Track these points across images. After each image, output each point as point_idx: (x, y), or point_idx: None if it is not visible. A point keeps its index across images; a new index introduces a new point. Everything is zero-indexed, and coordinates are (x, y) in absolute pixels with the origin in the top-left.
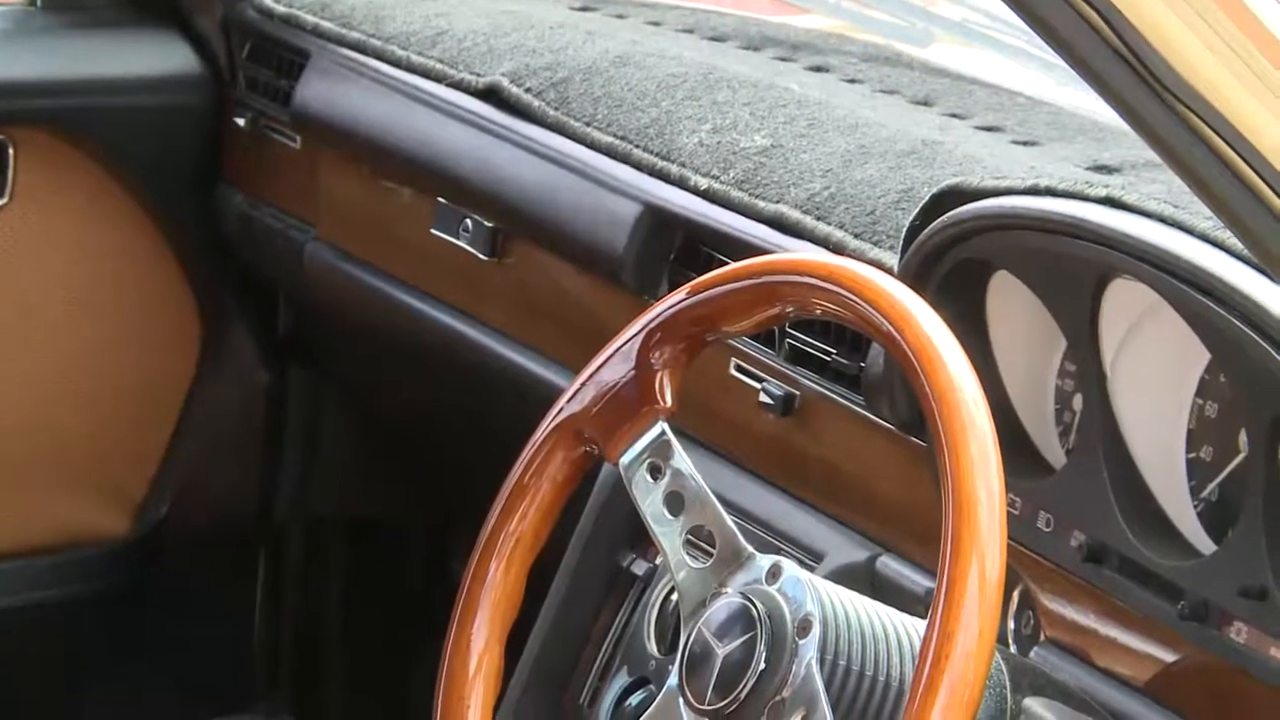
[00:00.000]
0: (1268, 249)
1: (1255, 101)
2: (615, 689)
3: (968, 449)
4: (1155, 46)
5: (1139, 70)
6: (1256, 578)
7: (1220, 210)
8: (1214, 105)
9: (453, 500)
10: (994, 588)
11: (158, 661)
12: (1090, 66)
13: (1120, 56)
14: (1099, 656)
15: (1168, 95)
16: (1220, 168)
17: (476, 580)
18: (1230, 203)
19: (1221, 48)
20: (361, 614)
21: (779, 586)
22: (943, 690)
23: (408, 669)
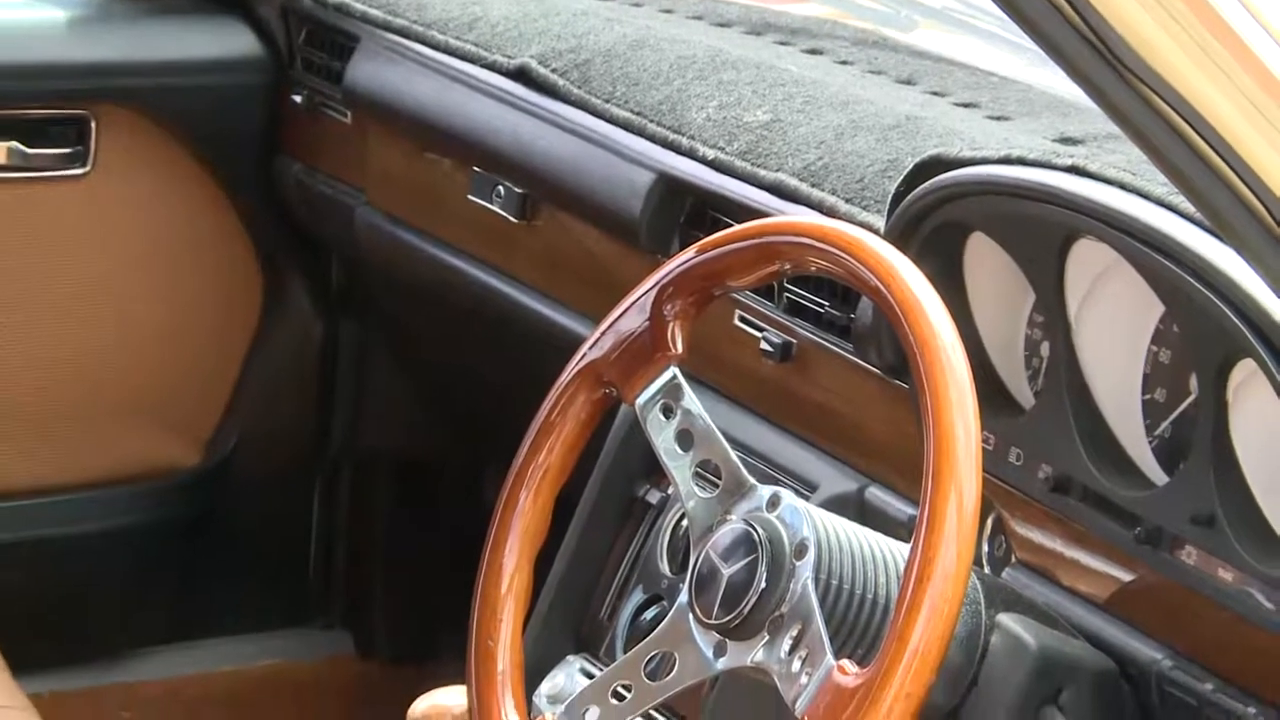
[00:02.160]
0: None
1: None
2: (632, 605)
3: (947, 391)
4: (1117, 29)
5: (1102, 51)
6: (1205, 506)
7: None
8: (1170, 82)
9: (486, 437)
10: (970, 515)
11: (223, 582)
12: (1058, 48)
13: (1085, 39)
14: (1064, 576)
15: (1128, 74)
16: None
17: (508, 508)
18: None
19: (1176, 30)
20: (405, 539)
21: (778, 514)
22: (925, 606)
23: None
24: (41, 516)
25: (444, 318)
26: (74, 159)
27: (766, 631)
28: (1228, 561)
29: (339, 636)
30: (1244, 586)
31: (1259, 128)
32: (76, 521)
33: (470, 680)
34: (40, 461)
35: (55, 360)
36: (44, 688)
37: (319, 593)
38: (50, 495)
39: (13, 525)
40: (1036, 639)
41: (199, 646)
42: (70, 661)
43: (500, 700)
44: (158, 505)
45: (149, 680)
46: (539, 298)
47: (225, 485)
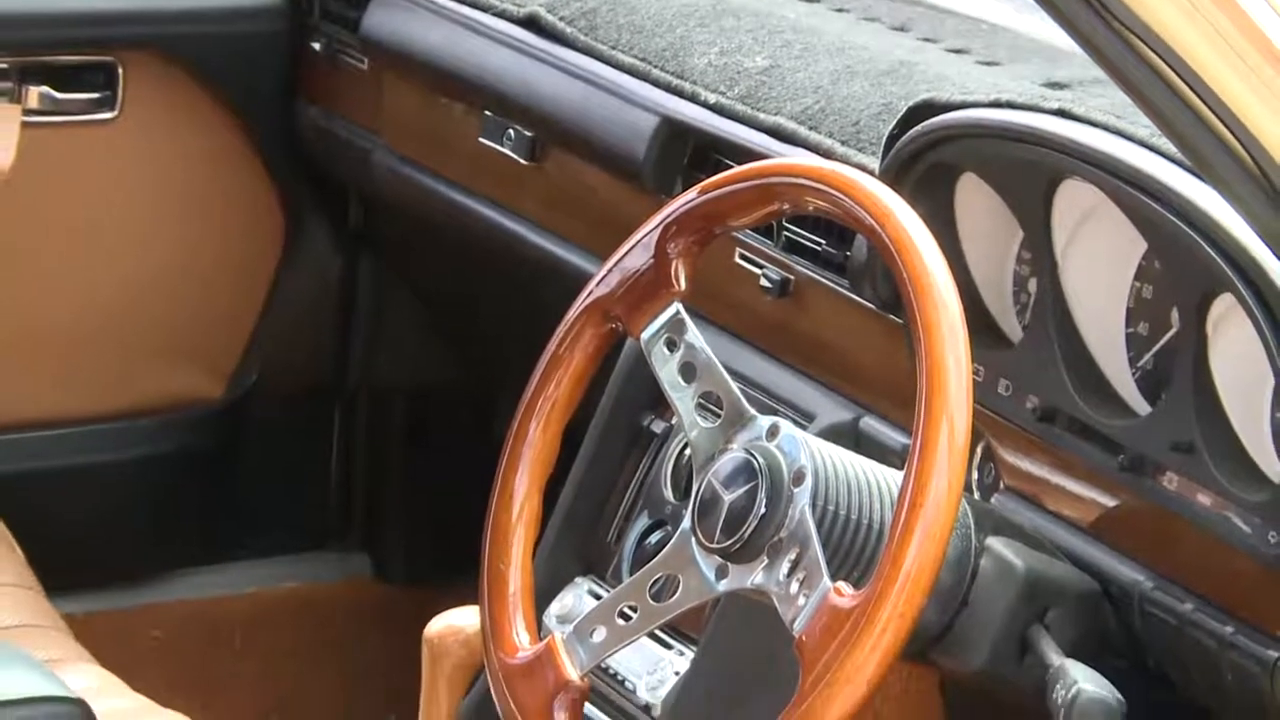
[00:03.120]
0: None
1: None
2: (637, 529)
3: (939, 325)
4: None
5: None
6: (1185, 434)
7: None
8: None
9: (498, 369)
10: (961, 444)
11: (246, 508)
12: None
13: None
14: (1050, 502)
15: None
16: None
17: (518, 439)
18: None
19: None
20: (421, 467)
21: (777, 443)
22: (917, 531)
23: (461, 514)
24: (73, 446)
25: (457, 255)
26: (102, 104)
27: (766, 555)
28: (1207, 487)
29: (358, 560)
30: (1222, 511)
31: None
32: (106, 451)
33: (482, 602)
34: (72, 394)
35: (85, 297)
36: (77, 608)
37: (338, 518)
38: (81, 426)
39: (46, 454)
40: (1024, 562)
41: (224, 569)
42: (101, 584)
43: (511, 620)
44: (183, 435)
45: (176, 601)
46: (548, 236)
47: (247, 416)
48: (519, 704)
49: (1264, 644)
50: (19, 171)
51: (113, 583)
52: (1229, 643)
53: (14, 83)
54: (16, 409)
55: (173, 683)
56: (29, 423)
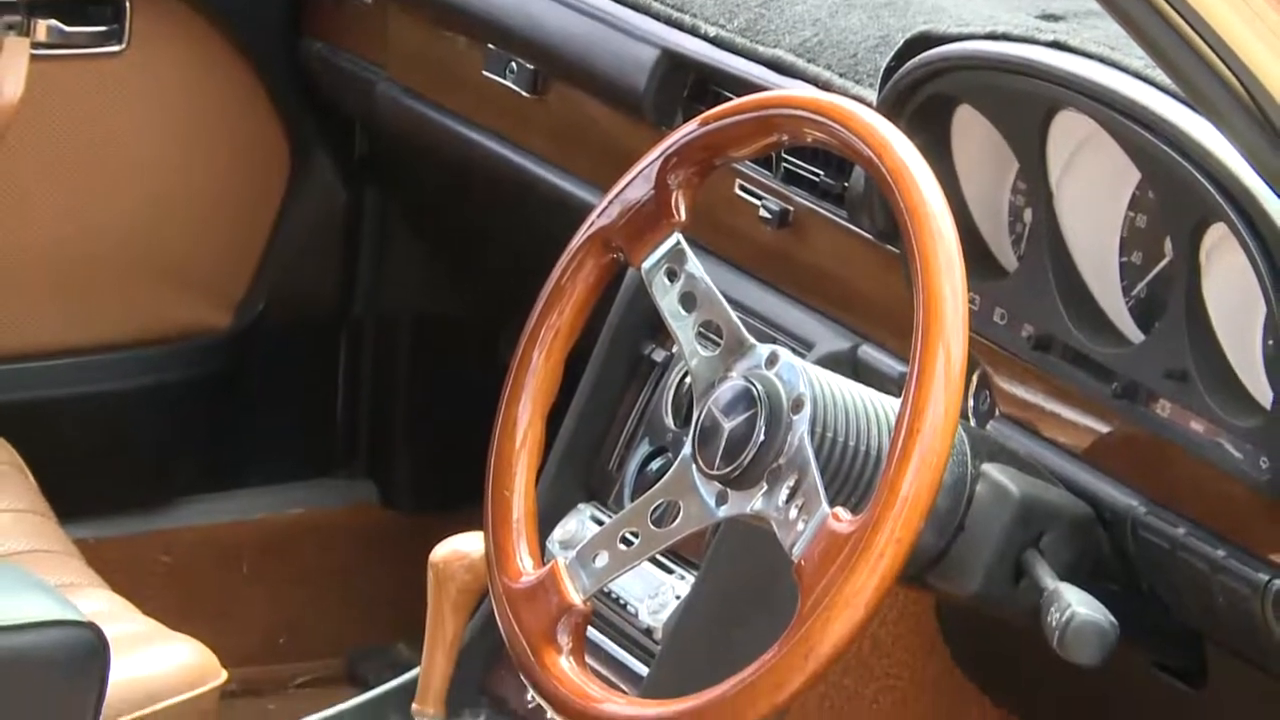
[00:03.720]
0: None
1: None
2: (639, 456)
3: (936, 255)
4: None
5: None
6: (1178, 362)
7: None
8: None
9: (501, 299)
10: (957, 371)
11: (254, 436)
12: None
13: None
14: (1045, 429)
15: None
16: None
17: (521, 367)
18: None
19: None
20: (426, 395)
21: (776, 371)
22: (914, 457)
23: (466, 441)
24: (83, 375)
25: (461, 186)
26: (110, 37)
27: (765, 481)
28: (1199, 414)
29: (364, 486)
30: (1215, 438)
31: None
32: (116, 379)
33: (487, 527)
34: (81, 323)
35: (93, 228)
36: (88, 534)
37: (345, 445)
38: (91, 355)
39: (56, 383)
40: (1019, 487)
41: (232, 496)
42: (112, 510)
43: (515, 546)
44: (193, 364)
45: (186, 526)
46: (550, 168)
47: (255, 345)
48: (523, 627)
49: (1255, 567)
50: (27, 103)
51: (123, 509)
52: (1221, 566)
53: (23, 16)
54: (27, 338)
55: (182, 607)
56: (40, 352)
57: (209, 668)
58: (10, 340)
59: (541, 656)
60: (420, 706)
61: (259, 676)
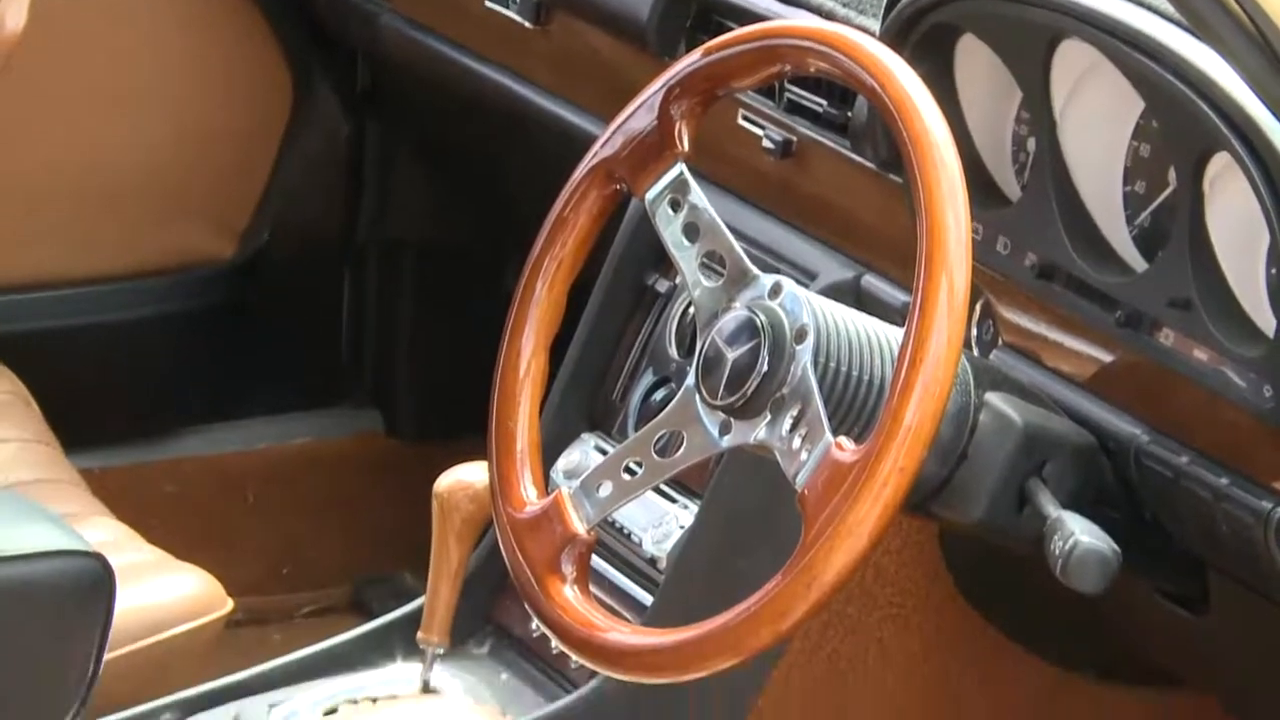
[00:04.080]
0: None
1: None
2: (642, 387)
3: (939, 184)
4: None
5: None
6: (1182, 291)
7: None
8: None
9: (505, 230)
10: (960, 301)
11: (259, 365)
12: None
13: None
14: (1048, 358)
15: None
16: None
17: (525, 298)
18: None
19: None
20: (431, 324)
21: (779, 301)
22: (918, 386)
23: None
24: (87, 305)
25: (465, 117)
26: None
27: (769, 411)
28: (1203, 343)
29: (369, 415)
30: (1218, 366)
31: None
32: (120, 309)
33: (491, 457)
34: (85, 254)
35: (96, 158)
36: (93, 464)
37: (350, 374)
38: (95, 285)
39: (61, 313)
40: (1022, 416)
41: (237, 426)
42: (117, 440)
43: (519, 476)
44: (197, 294)
45: (190, 456)
46: (553, 99)
47: (260, 275)
48: (527, 557)
49: (1258, 496)
50: (30, 35)
51: (128, 439)
52: (1224, 495)
53: None
54: (32, 269)
55: (187, 536)
56: (45, 282)
57: (214, 597)
58: (14, 270)
59: (546, 586)
60: (425, 635)
61: (264, 605)
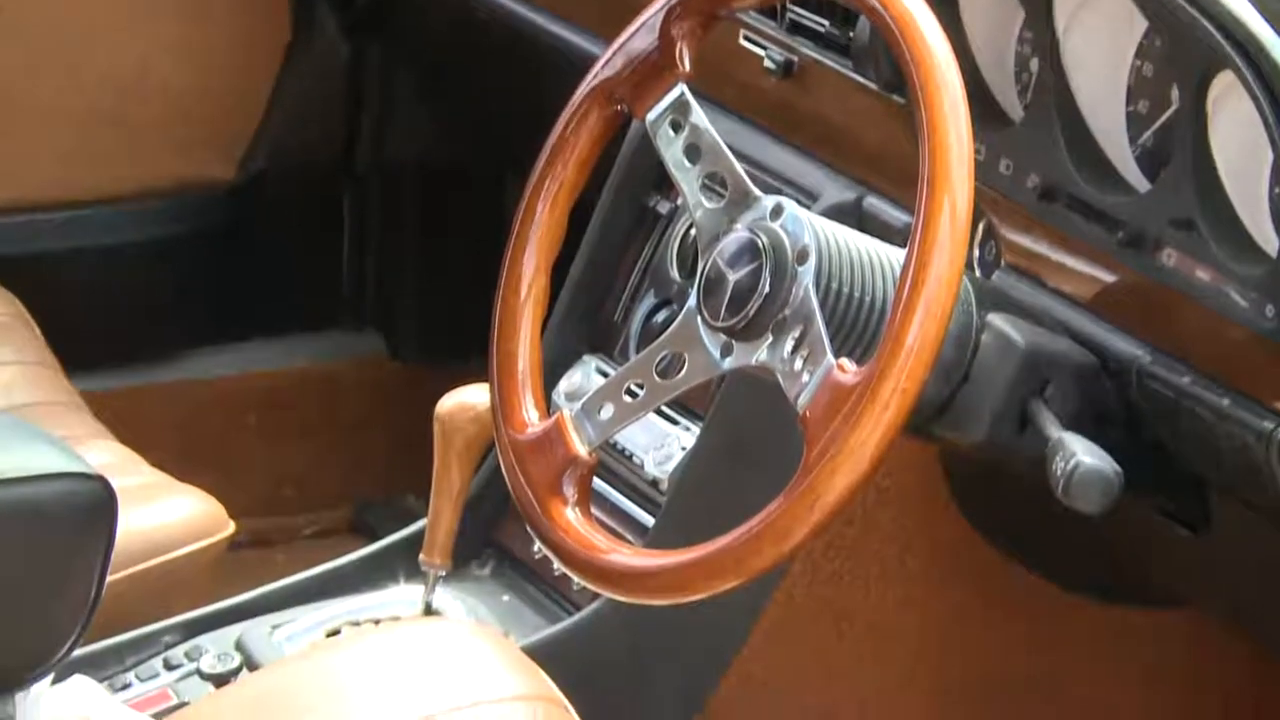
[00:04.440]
0: None
1: None
2: (644, 308)
3: (941, 104)
4: None
5: None
6: (1184, 211)
7: None
8: None
9: (506, 152)
10: (963, 221)
11: (261, 289)
12: None
13: None
14: (1050, 279)
15: None
16: None
17: (525, 220)
18: None
19: None
20: (432, 246)
21: (781, 222)
22: (920, 308)
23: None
24: (88, 227)
25: (464, 39)
26: None
27: (770, 333)
28: (1205, 262)
29: (371, 339)
30: (1220, 286)
31: None
32: (122, 232)
33: (492, 380)
34: (85, 176)
35: (97, 80)
36: (95, 386)
37: (351, 297)
38: (95, 207)
39: (61, 235)
40: (1024, 336)
41: (238, 349)
42: (118, 363)
43: (521, 398)
44: (198, 217)
45: (192, 379)
46: (553, 19)
47: (260, 198)
48: (529, 479)
49: (1260, 415)
50: None
51: (130, 362)
52: (1226, 414)
53: None
54: (31, 191)
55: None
56: (44, 204)
57: (217, 519)
58: (13, 193)
59: (547, 508)
60: (427, 557)
61: (266, 528)
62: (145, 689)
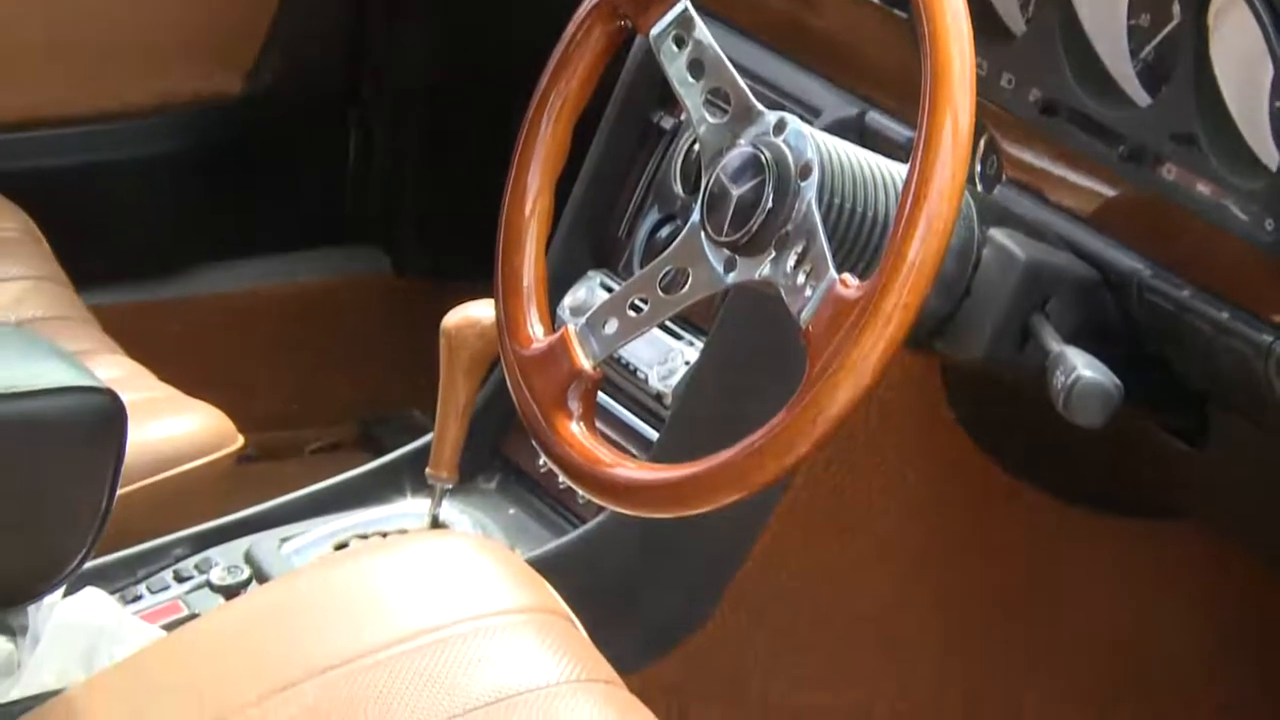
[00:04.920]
0: None
1: None
2: (648, 224)
3: (943, 19)
4: None
5: None
6: (1185, 125)
7: None
8: None
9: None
10: (965, 136)
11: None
12: None
13: None
14: (1051, 193)
15: None
16: None
17: (529, 136)
18: None
19: None
20: (436, 163)
21: (783, 138)
22: (921, 222)
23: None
24: (95, 142)
25: None
26: None
27: (773, 248)
28: (1205, 177)
29: (376, 255)
30: (1220, 200)
31: None
32: (129, 147)
33: (497, 295)
34: (93, 91)
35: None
36: (103, 300)
37: (357, 214)
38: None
39: (69, 150)
40: (1025, 251)
41: (245, 264)
42: (127, 278)
43: (526, 313)
44: (205, 133)
45: (200, 294)
46: None
47: (266, 113)
48: (534, 393)
49: (1259, 329)
50: None
51: (137, 277)
52: (1225, 328)
53: None
54: (37, 106)
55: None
56: (52, 120)
57: (225, 433)
58: (21, 108)
59: (552, 422)
60: (434, 471)
61: (274, 442)
62: (156, 601)
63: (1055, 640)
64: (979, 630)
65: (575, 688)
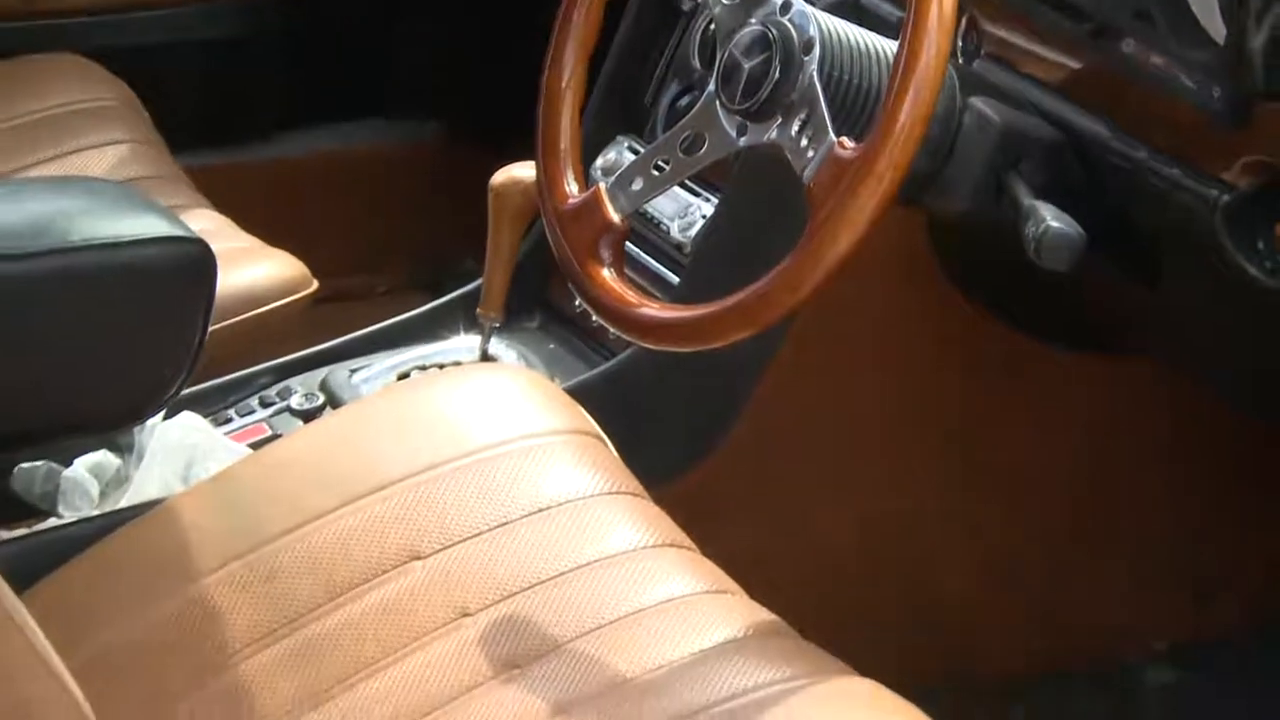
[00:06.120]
0: None
1: None
2: (670, 94)
3: None
4: None
5: None
6: (1144, 4)
7: None
8: None
9: None
10: (949, 15)
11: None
12: None
13: None
14: (1025, 66)
15: None
16: None
17: (566, 15)
18: None
19: None
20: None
21: (789, 17)
22: (911, 90)
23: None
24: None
25: None
26: None
27: (780, 115)
28: (1160, 50)
29: (432, 125)
30: (1173, 70)
31: None
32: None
33: (538, 157)
34: None
35: None
36: (194, 162)
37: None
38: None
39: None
40: (1001, 117)
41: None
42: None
43: (563, 173)
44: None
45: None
46: None
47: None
48: (570, 243)
49: (1207, 184)
50: None
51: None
52: (1178, 184)
53: None
54: None
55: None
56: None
57: (303, 278)
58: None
59: (587, 268)
60: (483, 311)
61: (346, 286)
62: (243, 423)
63: (1016, 470)
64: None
65: (606, 499)
